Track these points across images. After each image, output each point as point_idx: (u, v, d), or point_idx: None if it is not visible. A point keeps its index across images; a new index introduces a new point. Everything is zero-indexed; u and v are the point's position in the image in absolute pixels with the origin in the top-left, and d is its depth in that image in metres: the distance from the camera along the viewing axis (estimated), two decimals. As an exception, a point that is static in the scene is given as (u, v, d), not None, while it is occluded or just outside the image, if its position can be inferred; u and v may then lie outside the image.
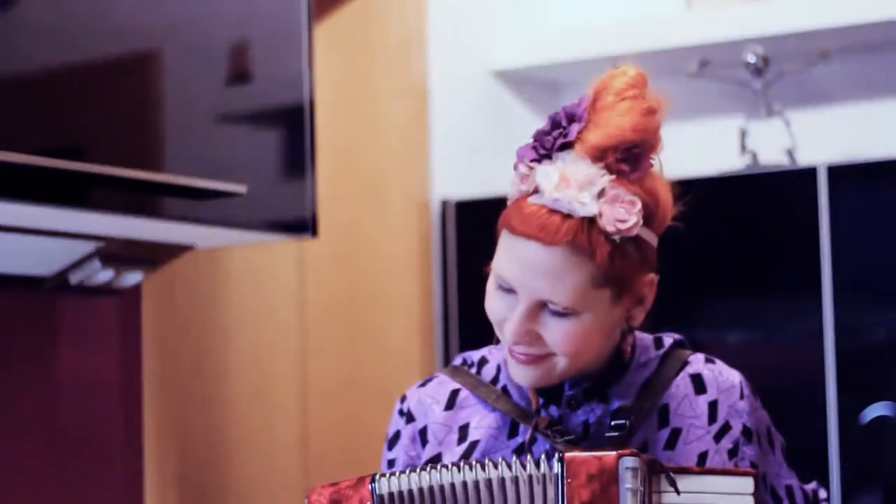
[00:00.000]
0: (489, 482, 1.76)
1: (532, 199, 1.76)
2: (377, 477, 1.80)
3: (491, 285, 1.82)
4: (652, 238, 1.80)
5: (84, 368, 2.73)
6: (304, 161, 2.59)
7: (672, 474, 1.73)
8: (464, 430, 1.89)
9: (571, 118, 1.76)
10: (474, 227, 3.19)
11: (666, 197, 1.81)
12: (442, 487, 1.77)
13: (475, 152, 3.35)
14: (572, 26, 3.42)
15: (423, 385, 1.96)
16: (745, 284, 2.85)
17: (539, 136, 1.78)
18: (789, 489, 1.93)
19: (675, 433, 1.84)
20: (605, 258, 1.74)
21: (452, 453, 1.89)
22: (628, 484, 1.71)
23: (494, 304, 1.81)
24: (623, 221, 1.74)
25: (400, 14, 3.23)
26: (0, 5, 2.14)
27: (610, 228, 1.74)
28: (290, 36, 2.59)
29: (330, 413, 3.23)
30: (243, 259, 3.06)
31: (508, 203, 1.80)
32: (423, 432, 1.92)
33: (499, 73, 3.39)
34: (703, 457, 1.83)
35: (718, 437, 1.85)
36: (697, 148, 3.33)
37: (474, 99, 3.36)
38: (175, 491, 2.88)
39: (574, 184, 1.73)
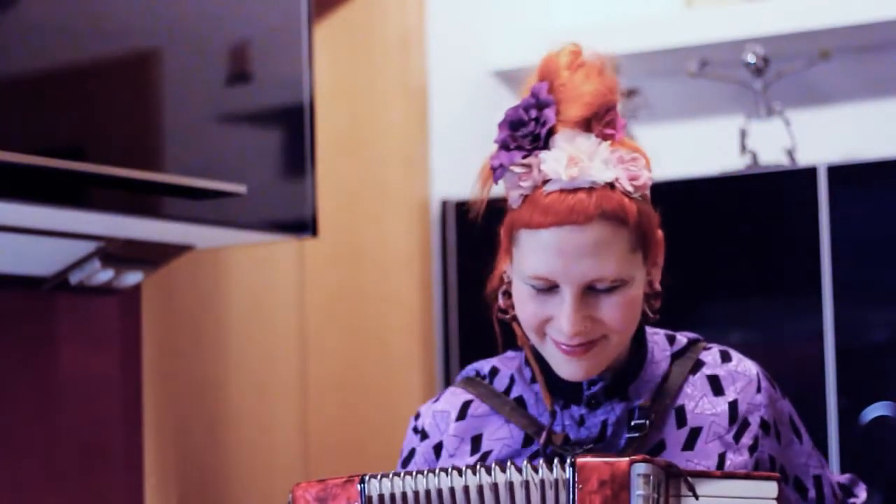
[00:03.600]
0: (494, 486, 1.72)
1: (547, 188, 1.73)
2: (367, 478, 1.75)
3: (521, 292, 1.77)
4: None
5: (84, 368, 2.72)
6: (304, 161, 2.59)
7: (691, 479, 1.70)
8: (476, 441, 1.87)
9: (540, 105, 1.75)
10: (474, 227, 3.19)
11: (643, 148, 1.82)
12: (440, 492, 1.73)
13: (475, 152, 3.33)
14: (572, 26, 3.42)
15: (435, 401, 1.93)
16: (746, 284, 2.85)
17: (509, 138, 1.77)
18: (818, 480, 1.91)
19: (695, 433, 1.82)
20: (636, 218, 1.74)
21: (464, 463, 1.85)
22: (640, 490, 1.68)
23: (532, 308, 1.77)
24: (637, 178, 1.75)
25: (400, 14, 3.23)
26: (0, 5, 2.14)
27: (629, 188, 1.74)
28: (290, 36, 2.59)
29: (330, 413, 3.23)
30: (243, 259, 3.06)
31: (511, 206, 1.78)
32: (437, 448, 1.89)
33: (499, 73, 3.39)
34: (722, 457, 1.81)
35: (738, 436, 1.82)
36: (697, 148, 3.33)
37: (474, 99, 3.36)
38: (175, 491, 2.88)
39: (584, 157, 1.73)
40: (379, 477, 1.75)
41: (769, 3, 3.11)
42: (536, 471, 1.72)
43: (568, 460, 1.71)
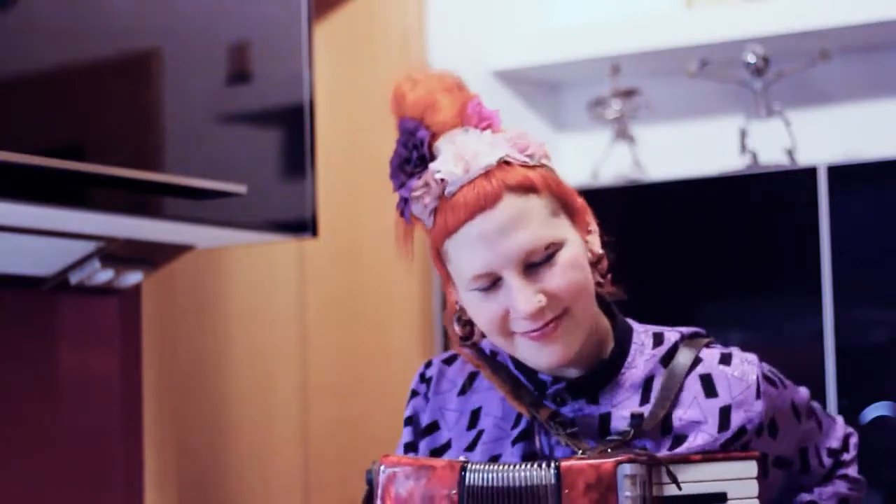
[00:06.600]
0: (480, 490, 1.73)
1: (448, 191, 1.75)
2: (468, 465, 1.74)
3: (471, 300, 1.78)
4: None
5: (84, 368, 2.72)
6: (304, 161, 2.59)
7: (672, 466, 1.70)
8: (475, 415, 1.87)
9: (411, 132, 1.79)
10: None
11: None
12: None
13: (475, 152, 3.34)
14: (572, 26, 3.42)
15: (447, 362, 1.94)
16: (745, 284, 2.85)
17: (401, 176, 1.81)
18: (803, 451, 1.91)
19: (680, 440, 1.79)
20: (543, 183, 1.75)
21: (461, 440, 1.87)
22: (627, 492, 1.67)
23: (487, 309, 1.77)
24: (526, 147, 1.77)
25: (399, 14, 3.23)
26: (0, 5, 2.14)
27: (524, 158, 1.76)
28: (290, 36, 2.59)
29: (330, 413, 3.23)
30: (243, 259, 3.06)
31: (428, 228, 1.79)
32: (440, 411, 1.91)
33: (499, 73, 3.39)
34: None
35: (728, 444, 1.79)
36: (697, 148, 3.33)
37: (474, 99, 3.36)
38: (175, 491, 2.88)
39: (469, 148, 1.75)
40: (480, 467, 1.74)
41: (769, 3, 3.11)
42: (525, 473, 1.71)
43: (552, 463, 1.70)
